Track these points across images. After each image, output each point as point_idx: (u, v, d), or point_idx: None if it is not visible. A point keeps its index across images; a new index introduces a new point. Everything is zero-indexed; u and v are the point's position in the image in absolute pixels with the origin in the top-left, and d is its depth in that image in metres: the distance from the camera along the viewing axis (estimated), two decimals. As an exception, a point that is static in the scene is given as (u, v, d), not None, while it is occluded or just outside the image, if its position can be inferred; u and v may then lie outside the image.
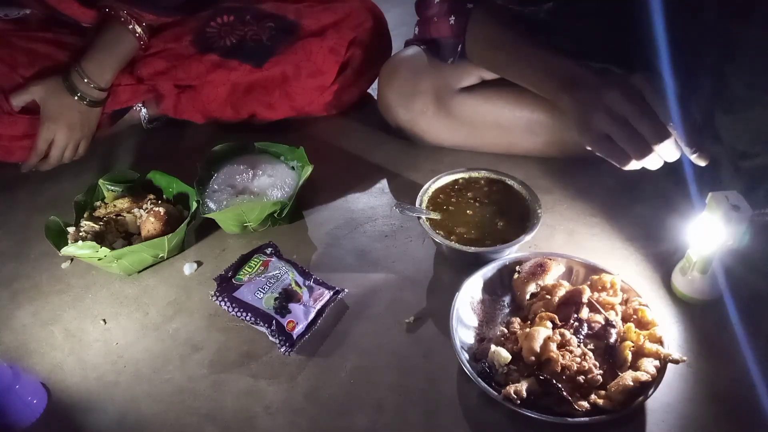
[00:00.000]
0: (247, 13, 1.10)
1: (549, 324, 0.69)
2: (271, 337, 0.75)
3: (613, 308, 0.71)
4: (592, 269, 0.77)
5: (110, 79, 1.06)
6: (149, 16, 1.06)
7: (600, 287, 0.74)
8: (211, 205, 0.93)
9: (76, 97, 1.04)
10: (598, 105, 0.69)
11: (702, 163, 0.67)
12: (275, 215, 0.91)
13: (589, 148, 0.73)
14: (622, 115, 0.68)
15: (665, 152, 0.68)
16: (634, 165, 0.70)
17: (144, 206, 0.94)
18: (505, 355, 0.67)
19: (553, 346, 0.66)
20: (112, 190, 0.99)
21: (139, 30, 1.05)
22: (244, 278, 0.79)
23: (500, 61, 0.90)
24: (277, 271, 0.80)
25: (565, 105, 0.77)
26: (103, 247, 0.83)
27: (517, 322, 0.73)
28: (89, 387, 0.75)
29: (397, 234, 0.93)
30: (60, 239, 0.89)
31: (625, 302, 0.73)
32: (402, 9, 1.51)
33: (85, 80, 1.03)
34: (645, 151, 0.67)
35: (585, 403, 0.62)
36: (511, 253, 0.81)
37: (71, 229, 0.90)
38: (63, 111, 1.04)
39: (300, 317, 0.76)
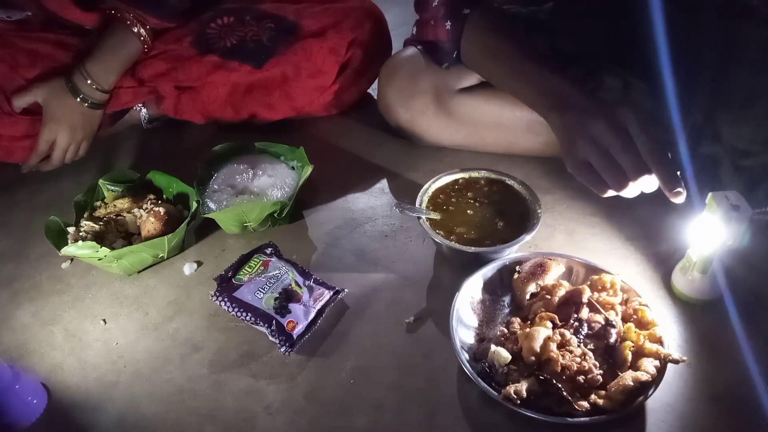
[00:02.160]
0: (247, 14, 1.10)
1: (549, 324, 0.69)
2: (271, 337, 0.75)
3: (613, 308, 0.71)
4: (592, 269, 0.77)
5: (113, 81, 1.07)
6: (153, 21, 1.06)
7: (600, 287, 0.74)
8: (211, 205, 0.93)
9: (78, 99, 1.04)
10: (583, 132, 0.70)
11: (678, 201, 0.67)
12: (275, 215, 0.91)
13: (570, 172, 0.73)
14: (605, 146, 0.68)
15: (643, 185, 0.68)
16: (611, 193, 0.71)
17: (144, 206, 0.94)
18: (505, 355, 0.67)
19: (553, 346, 0.66)
20: (112, 190, 0.99)
21: (143, 33, 1.05)
22: (244, 278, 0.79)
23: (494, 72, 0.89)
24: (277, 271, 0.80)
25: (552, 124, 0.77)
26: (103, 247, 0.83)
27: (517, 322, 0.72)
28: (89, 387, 0.75)
29: (397, 234, 0.93)
30: (60, 239, 0.89)
31: (625, 302, 0.73)
32: (402, 9, 1.51)
33: (89, 82, 1.03)
34: (622, 182, 0.68)
35: (585, 403, 0.62)
36: (511, 253, 0.81)
37: (71, 229, 0.90)
38: (65, 112, 1.04)
39: (300, 317, 0.76)
